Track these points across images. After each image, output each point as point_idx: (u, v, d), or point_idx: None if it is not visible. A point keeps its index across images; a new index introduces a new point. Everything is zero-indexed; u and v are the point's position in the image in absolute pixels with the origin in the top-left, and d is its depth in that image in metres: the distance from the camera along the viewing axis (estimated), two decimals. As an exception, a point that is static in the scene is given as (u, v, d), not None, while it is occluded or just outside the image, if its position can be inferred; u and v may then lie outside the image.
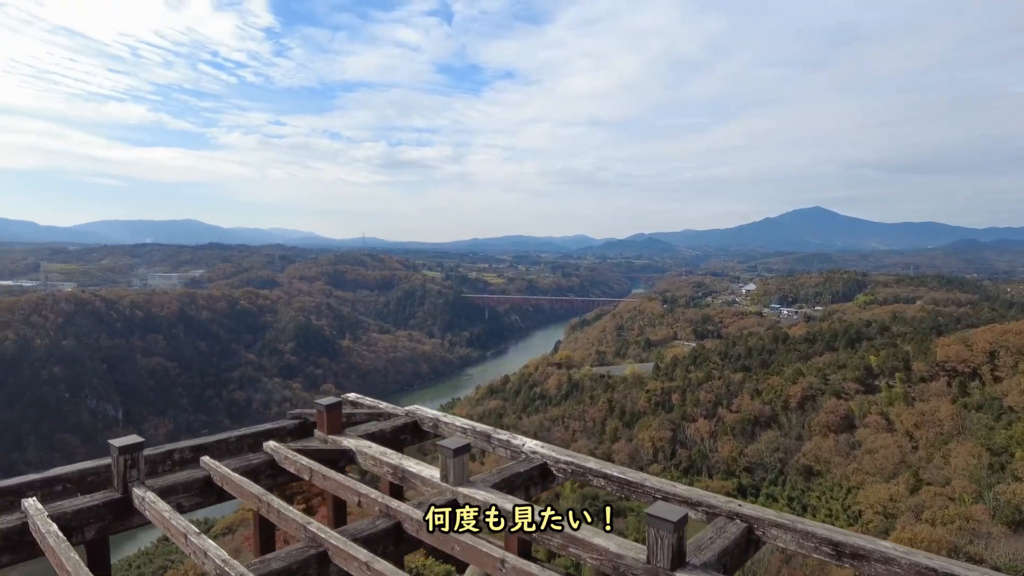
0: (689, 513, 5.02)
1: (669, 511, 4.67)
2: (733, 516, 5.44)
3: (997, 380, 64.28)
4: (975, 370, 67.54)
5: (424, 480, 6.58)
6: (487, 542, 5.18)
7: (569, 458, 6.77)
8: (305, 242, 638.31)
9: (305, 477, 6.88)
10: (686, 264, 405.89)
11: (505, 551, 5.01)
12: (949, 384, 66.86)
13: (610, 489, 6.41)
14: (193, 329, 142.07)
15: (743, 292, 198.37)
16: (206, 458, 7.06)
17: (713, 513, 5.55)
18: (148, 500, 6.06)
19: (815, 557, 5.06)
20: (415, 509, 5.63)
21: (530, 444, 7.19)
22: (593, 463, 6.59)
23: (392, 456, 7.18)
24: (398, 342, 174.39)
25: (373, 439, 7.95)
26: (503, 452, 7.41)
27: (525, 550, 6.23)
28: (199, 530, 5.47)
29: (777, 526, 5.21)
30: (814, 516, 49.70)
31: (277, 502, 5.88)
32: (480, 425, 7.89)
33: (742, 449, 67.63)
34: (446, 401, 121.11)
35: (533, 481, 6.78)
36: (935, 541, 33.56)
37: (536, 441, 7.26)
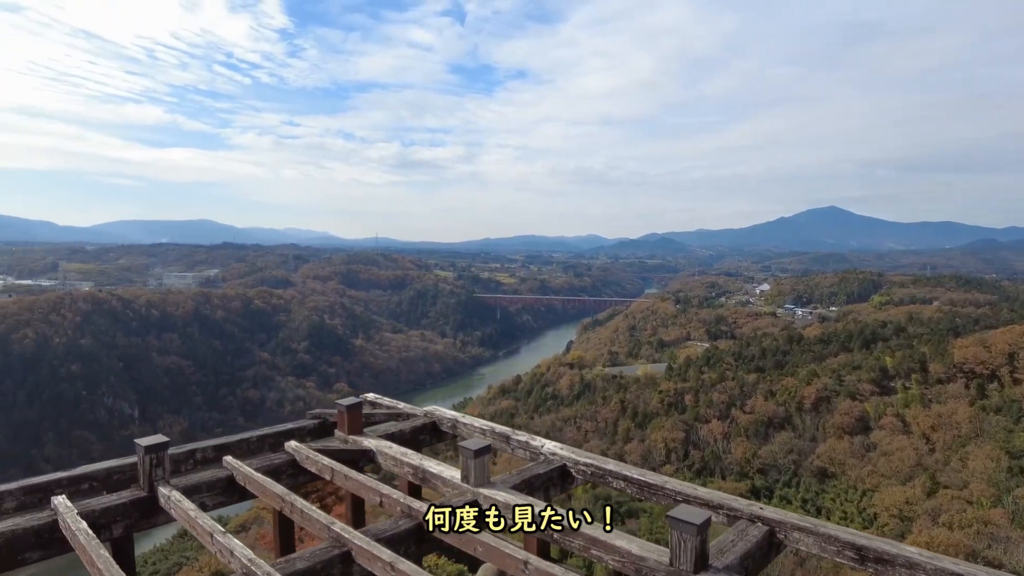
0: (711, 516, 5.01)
1: (692, 514, 4.67)
2: (755, 519, 5.42)
3: (1016, 382, 63.48)
4: (994, 372, 66.69)
5: (445, 481, 6.62)
6: (509, 543, 5.21)
7: (589, 460, 6.78)
8: (319, 242, 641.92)
9: (327, 477, 6.94)
10: (699, 264, 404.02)
11: (527, 553, 5.03)
12: (967, 386, 66.05)
13: (630, 491, 6.41)
14: (208, 328, 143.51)
15: (757, 292, 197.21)
16: (229, 458, 7.14)
17: (734, 516, 5.54)
18: (174, 499, 6.15)
19: (838, 561, 5.04)
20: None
21: (549, 446, 7.21)
22: (613, 465, 6.59)
23: (413, 456, 7.22)
24: (410, 342, 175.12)
25: (392, 439, 8.00)
26: (522, 453, 7.43)
27: (544, 551, 6.25)
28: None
29: (799, 529, 5.19)
30: (828, 518, 49.28)
31: (300, 502, 5.95)
32: (499, 426, 7.92)
33: (756, 450, 67.23)
34: (458, 401, 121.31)
35: (553, 482, 6.80)
36: (953, 545, 33.22)
37: (555, 443, 7.27)
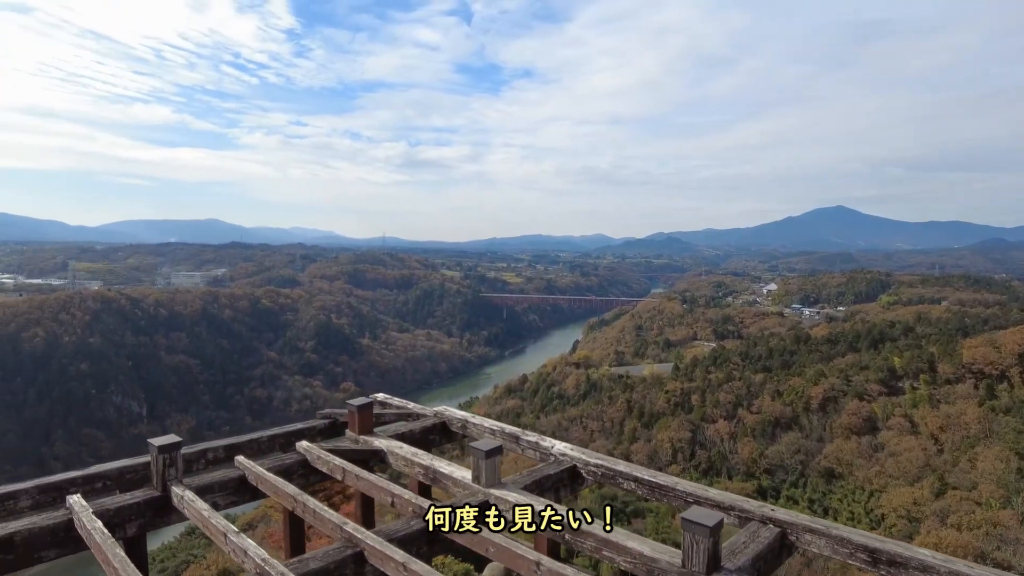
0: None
1: (705, 516, 4.67)
2: (766, 521, 5.41)
3: (1026, 383, 63.01)
4: (1003, 372, 66.17)
5: (456, 481, 6.65)
6: (521, 544, 5.23)
7: (599, 461, 6.79)
8: (326, 241, 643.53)
9: (338, 477, 6.97)
10: (706, 264, 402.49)
11: (539, 553, 5.05)
12: (976, 386, 65.56)
13: (640, 492, 6.41)
14: (215, 327, 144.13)
15: (764, 292, 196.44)
16: (240, 457, 7.19)
17: (746, 517, 5.54)
18: (187, 498, 6.20)
19: (850, 564, 5.02)
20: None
21: (559, 446, 7.22)
22: (624, 466, 6.60)
23: (424, 457, 7.25)
24: (417, 341, 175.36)
25: (403, 439, 8.03)
26: (532, 454, 7.44)
27: (554, 551, 6.26)
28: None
29: (811, 531, 5.18)
30: (836, 519, 49.03)
31: (313, 502, 5.98)
32: (509, 427, 7.93)
33: (762, 451, 66.94)
34: (464, 400, 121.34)
35: (563, 483, 6.81)
36: (961, 547, 32.96)
37: (565, 444, 7.28)
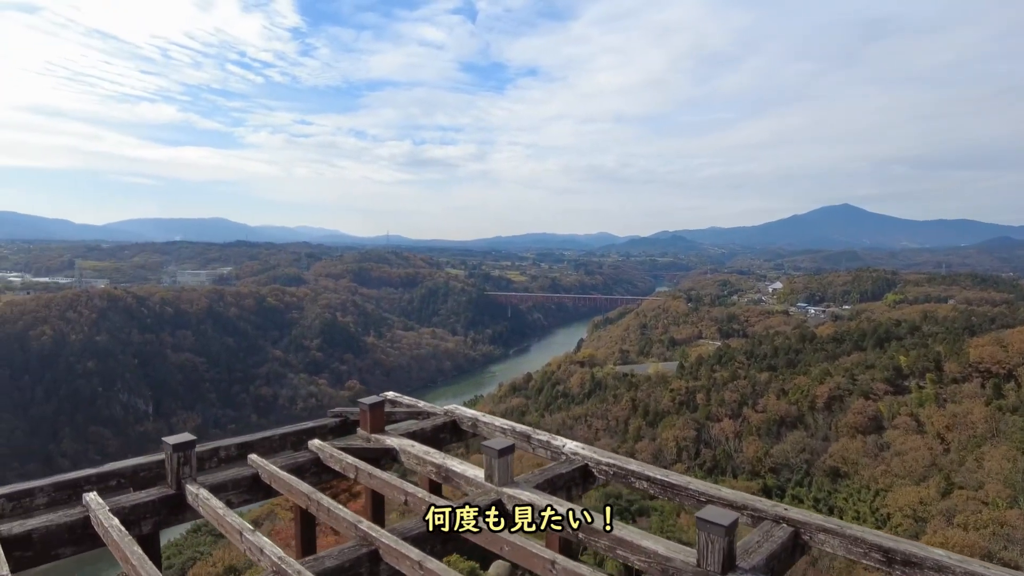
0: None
1: (720, 515, 4.69)
2: (779, 520, 5.43)
3: (1034, 382, 62.68)
4: (1010, 371, 65.80)
5: (468, 480, 6.67)
6: (535, 543, 5.25)
7: (611, 460, 6.81)
8: (331, 240, 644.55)
9: (351, 475, 7.01)
10: (711, 262, 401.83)
11: (554, 552, 5.07)
12: (983, 386, 65.22)
13: (652, 491, 6.43)
14: (221, 325, 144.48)
15: (769, 290, 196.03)
16: (254, 456, 7.23)
17: (759, 517, 5.55)
18: (201, 496, 6.24)
19: (864, 563, 5.03)
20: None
21: (571, 445, 7.24)
22: (635, 465, 6.62)
23: (435, 455, 7.28)
24: (422, 339, 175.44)
25: (414, 438, 8.05)
26: (543, 453, 7.46)
27: (566, 550, 6.28)
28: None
29: (825, 531, 5.19)
30: (841, 518, 48.82)
31: (327, 500, 6.02)
32: (520, 425, 7.96)
33: (767, 449, 66.80)
34: (469, 398, 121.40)
35: (575, 482, 6.84)
36: (968, 546, 32.84)
37: (576, 443, 7.30)
